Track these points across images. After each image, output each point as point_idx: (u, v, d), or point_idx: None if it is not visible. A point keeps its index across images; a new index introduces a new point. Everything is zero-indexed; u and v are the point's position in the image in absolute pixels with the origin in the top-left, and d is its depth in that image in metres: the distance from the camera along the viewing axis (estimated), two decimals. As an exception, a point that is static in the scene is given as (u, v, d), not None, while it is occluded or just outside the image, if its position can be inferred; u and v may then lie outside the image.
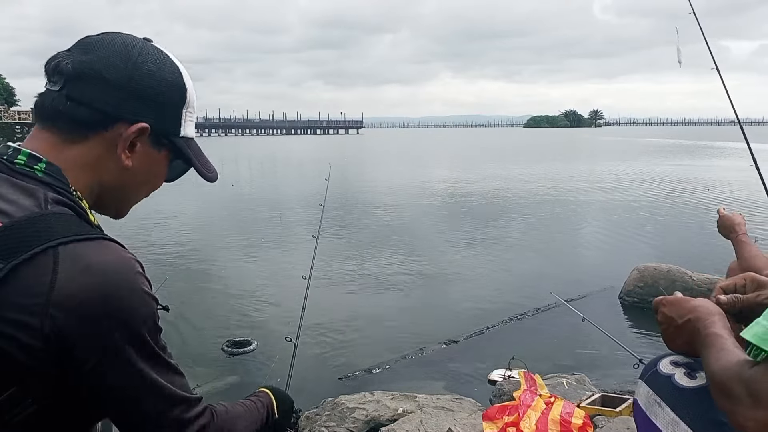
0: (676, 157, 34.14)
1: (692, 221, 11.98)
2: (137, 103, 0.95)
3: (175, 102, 1.00)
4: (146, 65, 0.96)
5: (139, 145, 0.97)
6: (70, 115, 0.92)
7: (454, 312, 6.70)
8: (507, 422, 2.96)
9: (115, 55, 0.94)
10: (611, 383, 4.73)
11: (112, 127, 0.94)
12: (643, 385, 1.21)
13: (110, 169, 0.96)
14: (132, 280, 0.85)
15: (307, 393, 4.43)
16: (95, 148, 0.94)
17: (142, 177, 1.01)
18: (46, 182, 0.90)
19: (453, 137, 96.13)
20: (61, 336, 0.79)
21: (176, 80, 1.00)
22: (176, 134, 1.01)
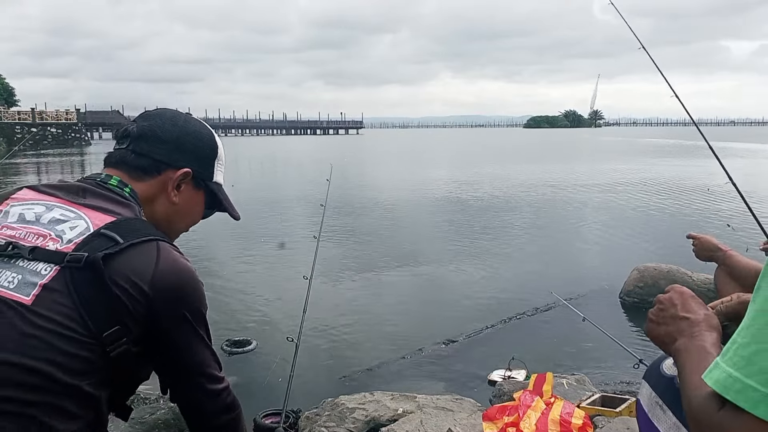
0: (676, 157, 34.13)
1: (692, 221, 11.97)
2: (182, 155, 1.33)
3: (209, 155, 1.38)
4: (189, 127, 1.36)
5: (184, 186, 1.33)
6: (134, 163, 1.29)
7: (453, 312, 6.70)
8: (507, 422, 2.96)
9: (167, 120, 1.34)
10: (611, 383, 4.73)
11: (164, 172, 1.31)
12: (646, 386, 1.18)
13: (162, 203, 1.32)
14: (197, 277, 1.22)
15: (307, 393, 4.43)
16: (152, 187, 1.30)
17: (185, 211, 1.37)
18: (131, 201, 1.25)
19: (453, 137, 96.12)
20: (155, 300, 1.12)
21: (210, 139, 1.40)
22: (210, 179, 1.39)
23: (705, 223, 11.63)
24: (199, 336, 1.22)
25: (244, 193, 18.25)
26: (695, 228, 11.50)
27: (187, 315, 1.19)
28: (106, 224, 1.15)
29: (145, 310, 1.12)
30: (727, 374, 0.66)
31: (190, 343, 1.21)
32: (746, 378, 0.64)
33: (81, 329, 1.07)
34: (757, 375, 0.63)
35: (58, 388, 1.03)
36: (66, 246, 1.11)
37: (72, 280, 1.08)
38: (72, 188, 1.23)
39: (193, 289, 1.20)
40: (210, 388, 1.25)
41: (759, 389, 0.63)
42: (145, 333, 1.14)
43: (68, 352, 1.05)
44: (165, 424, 3.63)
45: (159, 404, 3.79)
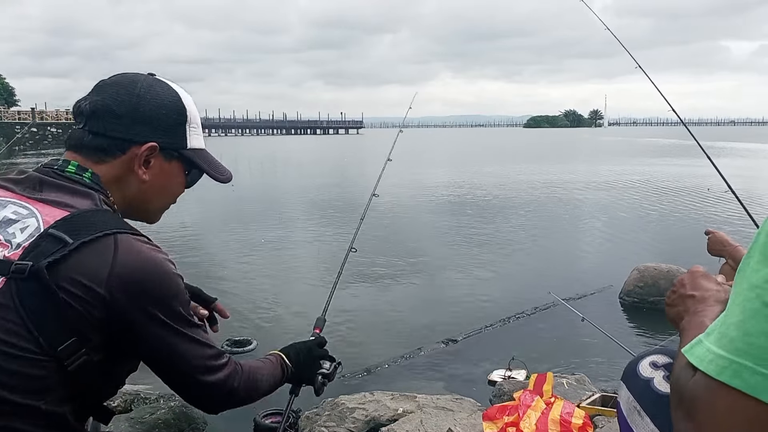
0: (676, 156, 34.13)
1: (692, 221, 11.97)
2: (144, 127, 1.18)
3: (176, 120, 1.22)
4: (148, 94, 1.18)
5: (154, 161, 1.20)
6: (92, 145, 1.16)
7: (453, 311, 6.70)
8: (507, 422, 2.96)
9: (122, 90, 1.18)
10: (611, 383, 4.72)
11: (127, 150, 1.17)
12: (624, 388, 1.13)
13: (131, 183, 1.20)
14: (166, 267, 1.09)
15: (308, 393, 4.43)
16: (116, 168, 1.17)
17: (161, 186, 1.24)
18: (93, 188, 1.13)
19: (453, 137, 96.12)
20: (115, 301, 1.02)
21: (175, 102, 1.22)
22: (184, 147, 1.24)
23: (704, 222, 11.63)
24: (178, 332, 1.10)
25: (244, 193, 18.26)
26: (695, 228, 11.51)
27: (157, 313, 1.07)
28: (56, 222, 1.04)
29: (104, 314, 1.02)
30: (706, 349, 0.66)
31: (169, 341, 1.10)
32: (718, 349, 0.64)
33: (31, 346, 0.98)
34: (727, 345, 0.63)
35: (8, 410, 0.96)
36: (14, 252, 1.02)
37: (18, 293, 0.99)
38: (30, 180, 1.12)
39: (160, 281, 1.07)
40: (208, 381, 1.15)
41: (726, 356, 0.63)
42: (109, 338, 1.05)
43: (16, 371, 0.97)
44: (165, 424, 3.63)
45: (159, 404, 3.79)
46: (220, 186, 1.42)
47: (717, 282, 1.03)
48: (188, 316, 1.13)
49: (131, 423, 3.55)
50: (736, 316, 0.64)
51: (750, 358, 0.61)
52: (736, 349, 0.62)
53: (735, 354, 0.62)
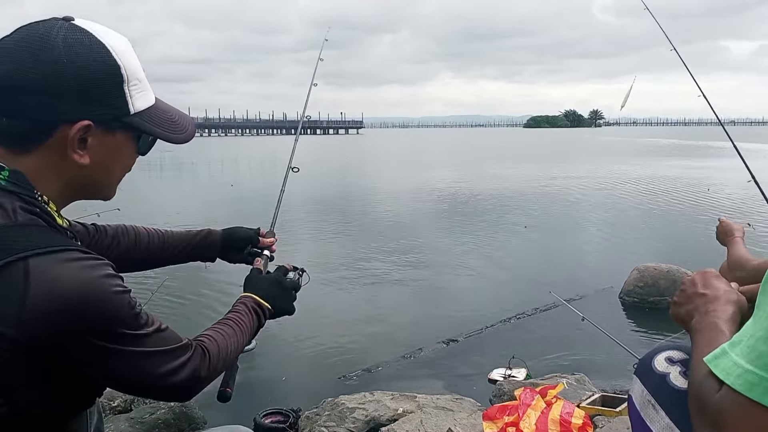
0: (675, 157, 34.16)
1: (692, 221, 11.98)
2: (71, 103, 0.92)
3: (111, 85, 0.96)
4: (68, 57, 0.91)
5: (91, 139, 0.96)
6: (7, 129, 0.92)
7: (453, 311, 6.70)
8: (507, 422, 2.96)
9: (32, 58, 0.89)
10: (611, 383, 4.73)
11: (54, 132, 0.93)
12: (638, 382, 1.14)
13: (69, 169, 0.96)
14: (97, 288, 0.88)
15: (307, 393, 4.43)
16: (46, 155, 0.94)
17: (107, 164, 1.01)
18: (11, 190, 0.90)
19: (453, 137, 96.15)
20: (34, 342, 0.84)
21: (105, 62, 0.95)
22: (127, 113, 0.99)
23: (705, 222, 11.63)
24: (127, 352, 0.92)
25: (245, 193, 18.26)
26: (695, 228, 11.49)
27: (94, 341, 0.88)
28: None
29: (21, 356, 0.84)
30: (733, 362, 0.66)
31: (119, 365, 0.93)
32: (747, 364, 0.64)
33: None
34: (756, 360, 0.64)
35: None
36: None
37: None
38: None
39: (90, 308, 0.87)
40: (170, 383, 1.00)
41: (756, 372, 0.63)
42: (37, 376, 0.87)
43: None
44: (165, 424, 3.63)
45: (159, 404, 3.79)
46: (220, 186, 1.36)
47: (728, 283, 1.02)
48: (136, 329, 0.93)
49: (131, 423, 3.54)
50: (765, 330, 0.64)
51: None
52: (765, 365, 0.63)
53: (765, 370, 0.62)
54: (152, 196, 17.50)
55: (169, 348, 1.00)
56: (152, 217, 12.69)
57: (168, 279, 6.83)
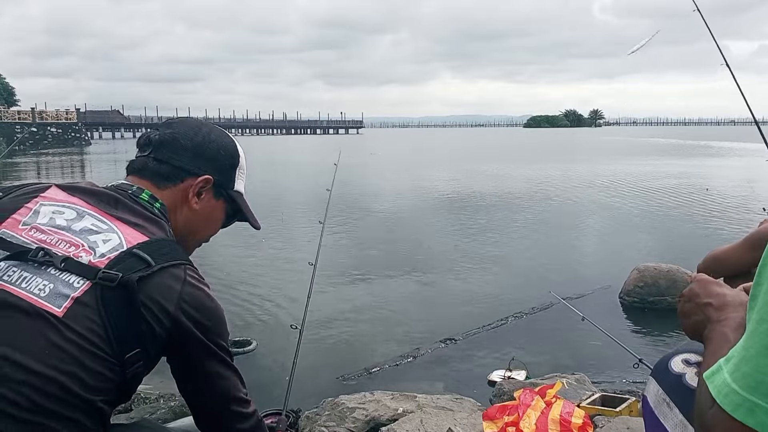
0: (675, 156, 34.15)
1: (692, 221, 11.98)
2: (203, 162, 1.33)
3: (230, 163, 1.38)
4: (211, 135, 1.36)
5: (205, 194, 1.33)
6: (155, 170, 1.30)
7: (453, 311, 6.70)
8: (507, 422, 2.95)
9: (189, 128, 1.35)
10: (611, 383, 4.73)
11: (185, 180, 1.31)
12: (653, 382, 1.18)
13: (183, 211, 1.32)
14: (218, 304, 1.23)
15: (307, 393, 4.43)
16: (174, 194, 1.30)
17: (205, 219, 1.37)
18: (161, 217, 1.25)
19: (453, 137, 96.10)
20: (178, 325, 1.13)
21: (232, 148, 1.39)
22: (231, 188, 1.39)
23: (705, 222, 11.64)
24: (224, 362, 1.23)
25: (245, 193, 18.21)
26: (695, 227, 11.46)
27: (210, 343, 1.19)
28: (139, 243, 1.15)
29: (166, 334, 1.12)
30: (723, 379, 0.68)
31: (216, 370, 1.22)
32: (732, 383, 0.65)
33: (106, 348, 1.07)
34: (740, 380, 0.65)
35: (75, 402, 1.03)
36: (99, 260, 1.11)
37: (103, 298, 1.08)
38: (104, 196, 1.22)
39: (215, 315, 1.20)
40: (239, 412, 1.27)
41: (739, 392, 0.64)
42: (158, 354, 1.16)
43: (90, 368, 1.05)
44: (164, 424, 3.63)
45: (159, 404, 3.79)
46: None
47: (729, 288, 1.02)
48: (229, 349, 1.25)
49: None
50: (751, 349, 0.65)
51: (763, 397, 0.62)
52: (748, 386, 0.63)
53: (748, 391, 0.63)
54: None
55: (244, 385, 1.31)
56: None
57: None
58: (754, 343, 0.65)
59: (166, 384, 4.77)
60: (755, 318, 0.67)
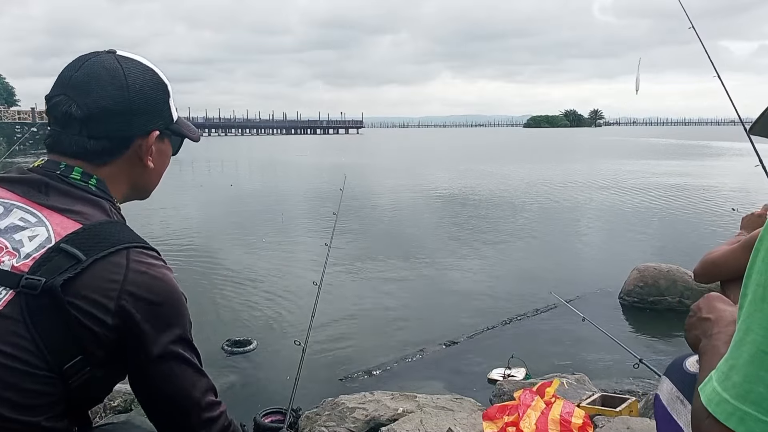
0: (675, 156, 34.15)
1: (692, 221, 11.98)
2: (142, 117, 1.14)
3: (163, 98, 1.19)
4: (135, 83, 1.13)
5: (154, 146, 1.18)
6: (96, 149, 1.11)
7: (454, 312, 6.70)
8: (507, 422, 2.96)
9: (108, 86, 1.11)
10: (611, 383, 4.73)
11: (131, 145, 1.15)
12: (667, 381, 1.20)
13: (138, 173, 1.19)
14: (177, 288, 1.07)
15: (307, 392, 4.43)
16: (123, 164, 1.15)
17: (160, 167, 1.23)
18: (100, 195, 1.10)
19: (454, 137, 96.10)
20: (126, 317, 0.99)
21: (157, 81, 1.18)
22: (172, 122, 1.22)
23: (705, 222, 11.64)
24: (185, 359, 1.07)
25: (244, 193, 18.26)
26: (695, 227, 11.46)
27: (164, 336, 1.03)
28: (68, 235, 1.00)
29: (113, 332, 0.99)
30: (712, 388, 0.70)
31: (176, 369, 1.06)
32: (723, 392, 0.67)
33: (39, 362, 0.95)
34: (730, 389, 0.66)
35: (12, 426, 0.93)
36: (23, 263, 0.98)
37: (28, 308, 0.95)
38: (33, 183, 1.07)
39: (169, 302, 1.04)
40: (203, 417, 1.10)
41: (730, 402, 0.66)
42: (113, 355, 1.02)
43: (22, 388, 0.94)
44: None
45: (159, 404, 3.79)
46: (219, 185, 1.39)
47: (732, 304, 1.05)
48: (193, 342, 1.09)
49: (131, 423, 3.54)
50: (740, 359, 0.67)
51: (752, 405, 0.64)
52: (738, 395, 0.65)
53: (738, 400, 0.65)
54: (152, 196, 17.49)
55: (212, 384, 1.14)
56: (150, 218, 12.70)
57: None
58: (743, 353, 0.67)
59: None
60: (742, 328, 0.68)
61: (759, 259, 0.69)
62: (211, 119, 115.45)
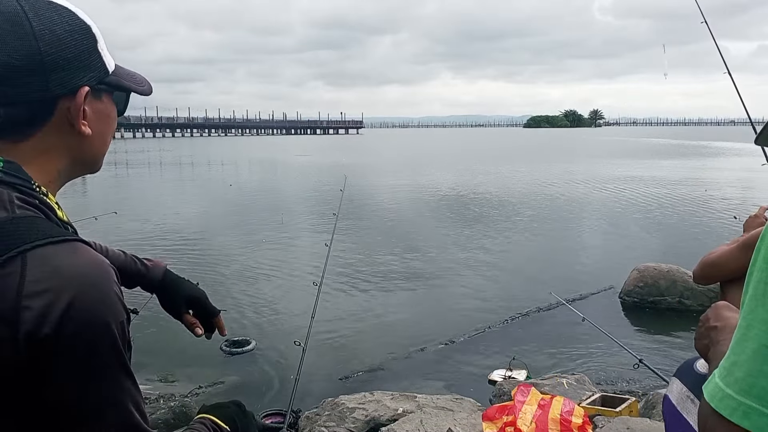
0: (675, 156, 34.16)
1: (692, 221, 11.98)
2: (64, 72, 0.87)
3: (90, 47, 0.91)
4: (44, 30, 0.85)
5: (87, 107, 0.90)
6: (8, 120, 0.85)
7: (454, 312, 6.70)
8: (506, 422, 2.96)
9: (10, 38, 0.83)
10: (611, 383, 4.73)
11: (55, 110, 0.87)
12: (677, 382, 1.22)
13: (72, 145, 0.91)
14: (102, 284, 0.79)
15: (307, 393, 4.43)
16: (48, 136, 0.88)
17: (102, 132, 0.96)
18: (7, 182, 0.83)
19: (454, 137, 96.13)
20: (30, 342, 0.73)
21: (78, 25, 0.91)
22: (107, 74, 0.94)
23: (705, 222, 11.63)
24: (113, 382, 0.79)
25: (243, 193, 18.25)
26: (695, 227, 11.45)
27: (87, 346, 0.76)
28: None
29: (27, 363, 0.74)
30: (715, 384, 0.70)
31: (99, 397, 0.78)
32: (726, 387, 0.68)
33: None
34: (733, 384, 0.67)
35: None
36: None
37: None
38: None
39: (96, 301, 0.77)
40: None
41: (734, 397, 0.66)
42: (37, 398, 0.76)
43: None
44: (165, 424, 3.63)
45: (159, 404, 3.79)
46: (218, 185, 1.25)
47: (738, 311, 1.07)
48: (122, 359, 0.80)
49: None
50: (742, 354, 0.67)
51: (756, 399, 0.64)
52: (741, 390, 0.66)
53: (742, 395, 0.66)
54: (150, 196, 17.50)
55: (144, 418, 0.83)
56: (148, 218, 12.70)
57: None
58: (745, 348, 0.67)
59: (165, 384, 4.78)
60: (743, 324, 0.69)
61: (760, 257, 0.70)
62: (211, 119, 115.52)
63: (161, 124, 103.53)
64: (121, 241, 1.58)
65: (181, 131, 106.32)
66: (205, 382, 4.80)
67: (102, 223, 1.86)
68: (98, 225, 7.30)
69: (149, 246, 9.77)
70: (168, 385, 4.75)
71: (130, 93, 1.01)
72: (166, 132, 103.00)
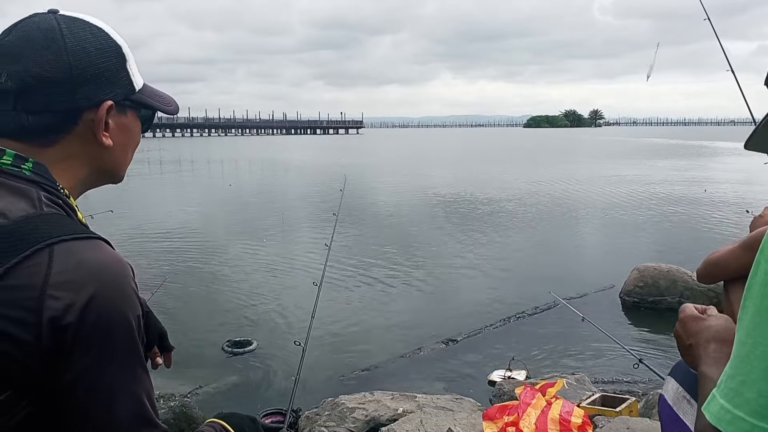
0: (675, 156, 34.15)
1: (692, 221, 11.98)
2: (90, 86, 0.95)
3: (118, 65, 1.00)
4: (76, 46, 0.94)
5: (111, 121, 0.98)
6: (37, 127, 0.93)
7: (454, 312, 6.70)
8: (507, 422, 2.96)
9: (46, 52, 0.92)
10: (611, 383, 4.73)
11: (79, 120, 0.95)
12: (672, 382, 1.21)
13: (94, 154, 0.99)
14: (123, 280, 0.85)
15: (307, 392, 4.44)
16: (71, 143, 0.96)
17: (124, 144, 1.03)
18: (35, 181, 0.91)
19: (454, 137, 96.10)
20: (53, 328, 0.79)
21: (109, 44, 0.99)
22: (133, 91, 1.02)
23: (705, 222, 11.63)
24: (128, 370, 0.84)
25: (243, 193, 18.24)
26: (695, 227, 11.44)
27: (107, 336, 0.82)
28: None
29: (49, 356, 0.79)
30: (719, 406, 0.68)
31: (113, 383, 0.83)
32: (735, 409, 0.65)
33: None
34: (744, 406, 0.65)
35: None
36: None
37: None
38: None
39: (118, 295, 0.84)
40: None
41: (746, 419, 0.64)
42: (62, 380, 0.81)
43: None
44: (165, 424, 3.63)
45: (159, 404, 3.79)
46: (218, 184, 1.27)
47: (702, 320, 1.05)
48: (138, 347, 0.86)
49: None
50: (752, 374, 0.65)
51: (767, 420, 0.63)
52: (753, 411, 0.64)
53: (755, 417, 0.64)
54: (147, 196, 17.50)
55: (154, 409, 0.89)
56: (145, 218, 12.70)
57: (168, 280, 6.84)
58: (754, 367, 0.65)
59: (165, 384, 4.77)
60: (748, 342, 0.67)
61: (761, 271, 0.67)
62: (211, 119, 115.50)
63: (161, 124, 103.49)
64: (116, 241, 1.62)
65: (181, 131, 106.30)
66: (205, 382, 4.81)
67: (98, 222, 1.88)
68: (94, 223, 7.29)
69: (145, 246, 9.78)
70: (168, 385, 4.75)
71: (155, 111, 1.09)
72: (166, 132, 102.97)
